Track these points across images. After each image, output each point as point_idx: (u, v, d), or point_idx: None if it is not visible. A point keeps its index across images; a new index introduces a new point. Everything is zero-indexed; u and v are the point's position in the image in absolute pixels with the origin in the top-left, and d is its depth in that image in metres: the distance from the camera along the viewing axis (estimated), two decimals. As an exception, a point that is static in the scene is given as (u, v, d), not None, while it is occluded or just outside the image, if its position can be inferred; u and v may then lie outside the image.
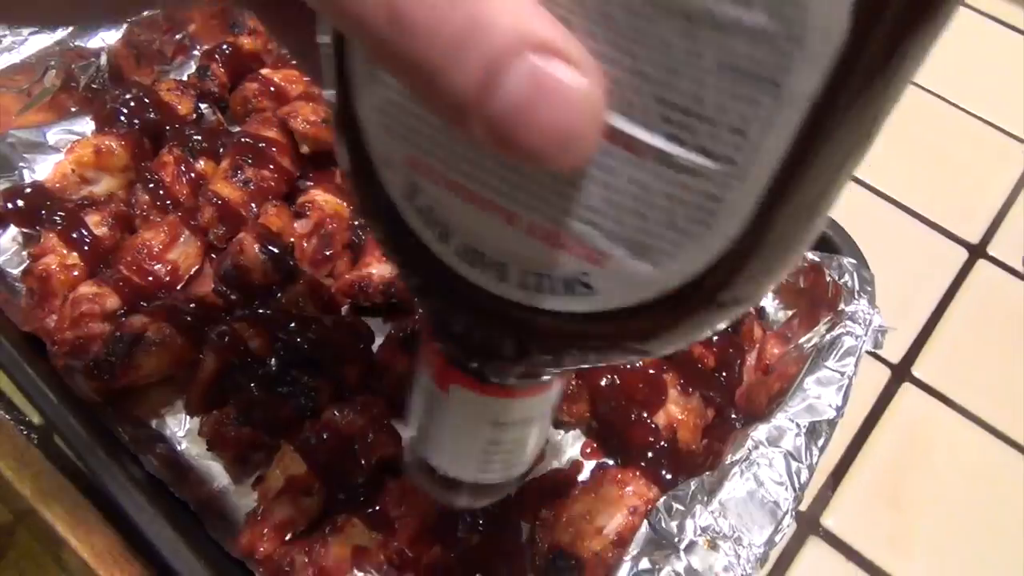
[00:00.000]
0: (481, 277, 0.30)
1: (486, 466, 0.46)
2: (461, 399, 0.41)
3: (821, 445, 0.62)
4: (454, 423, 0.43)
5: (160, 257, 0.78)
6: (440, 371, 0.41)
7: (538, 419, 0.44)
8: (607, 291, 0.28)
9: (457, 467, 0.46)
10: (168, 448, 0.71)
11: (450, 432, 0.44)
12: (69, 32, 0.86)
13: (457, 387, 0.41)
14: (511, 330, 0.33)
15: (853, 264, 0.72)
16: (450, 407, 0.42)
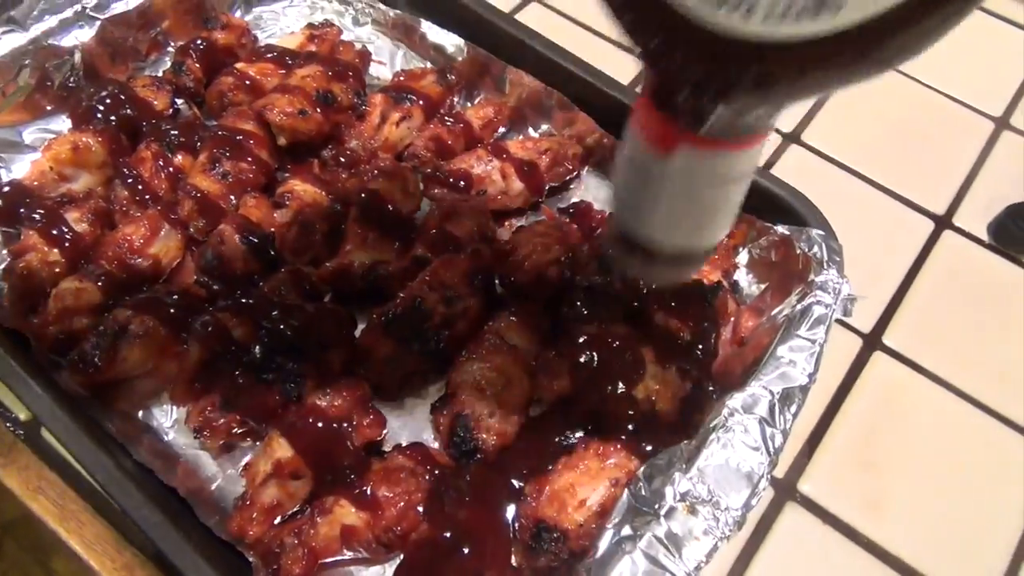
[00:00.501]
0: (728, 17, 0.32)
1: (699, 231, 0.49)
2: (684, 161, 0.43)
3: (794, 411, 0.64)
4: (677, 188, 0.45)
5: (141, 251, 0.78)
6: (660, 136, 0.43)
7: (749, 174, 0.46)
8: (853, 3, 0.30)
9: (672, 233, 0.49)
10: (156, 439, 0.72)
11: (670, 198, 0.46)
12: (43, 31, 0.86)
13: (680, 148, 0.42)
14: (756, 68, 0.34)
15: (821, 236, 0.74)
16: (674, 171, 0.44)
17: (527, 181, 0.84)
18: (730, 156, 0.43)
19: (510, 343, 0.73)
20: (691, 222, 0.48)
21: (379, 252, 0.79)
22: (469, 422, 0.69)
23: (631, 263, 0.53)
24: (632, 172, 0.47)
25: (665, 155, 0.43)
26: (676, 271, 0.54)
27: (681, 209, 0.47)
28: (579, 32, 1.06)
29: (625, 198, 0.49)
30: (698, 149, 0.42)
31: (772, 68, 0.34)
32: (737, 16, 0.31)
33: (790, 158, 0.95)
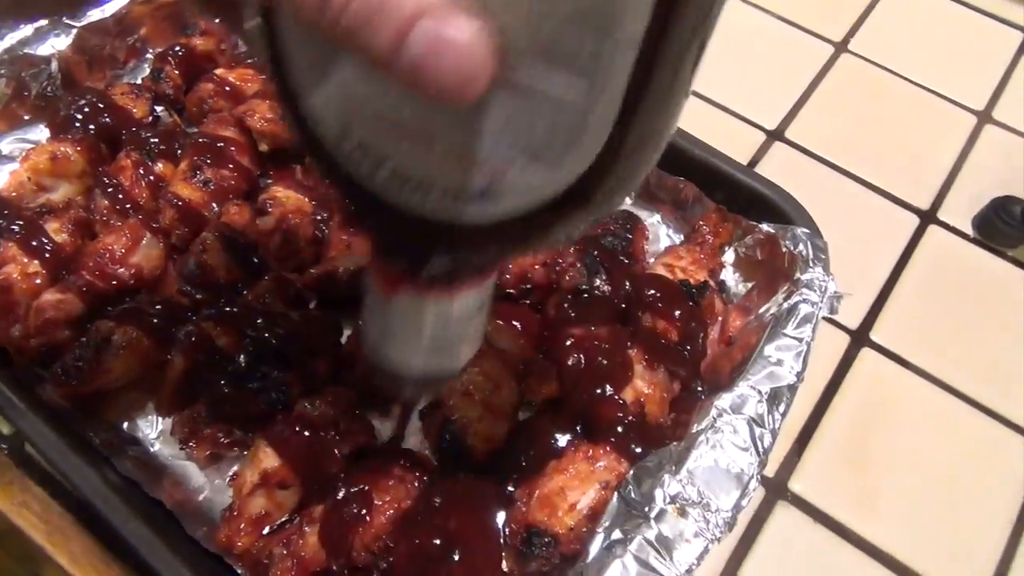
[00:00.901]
0: (411, 198, 0.35)
1: (439, 360, 0.53)
2: (409, 303, 0.47)
3: (783, 410, 0.63)
4: (407, 325, 0.49)
5: (123, 261, 0.77)
6: (385, 281, 0.47)
7: (476, 311, 0.50)
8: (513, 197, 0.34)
9: (411, 364, 0.53)
10: (141, 450, 0.71)
11: (402, 333, 0.50)
12: (18, 40, 0.85)
13: (403, 293, 0.46)
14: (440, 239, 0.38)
15: (807, 234, 0.74)
16: (398, 311, 0.48)
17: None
18: (452, 299, 0.47)
19: (497, 346, 0.72)
20: (427, 353, 0.51)
21: (363, 256, 0.78)
22: (457, 427, 0.68)
23: (379, 378, 0.56)
24: (368, 307, 0.51)
25: (390, 298, 0.47)
26: (430, 389, 0.63)
27: (414, 343, 0.50)
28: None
29: (367, 329, 0.53)
30: (417, 296, 0.46)
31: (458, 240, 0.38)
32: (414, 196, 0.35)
33: (774, 155, 0.95)
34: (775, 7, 1.09)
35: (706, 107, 0.99)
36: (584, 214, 0.36)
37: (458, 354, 0.54)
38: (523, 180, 0.33)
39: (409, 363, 0.53)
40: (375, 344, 0.53)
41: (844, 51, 1.06)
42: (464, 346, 0.54)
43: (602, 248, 0.78)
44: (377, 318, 0.51)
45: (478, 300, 0.49)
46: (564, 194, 0.35)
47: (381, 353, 0.53)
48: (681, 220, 0.85)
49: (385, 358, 0.53)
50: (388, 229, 0.40)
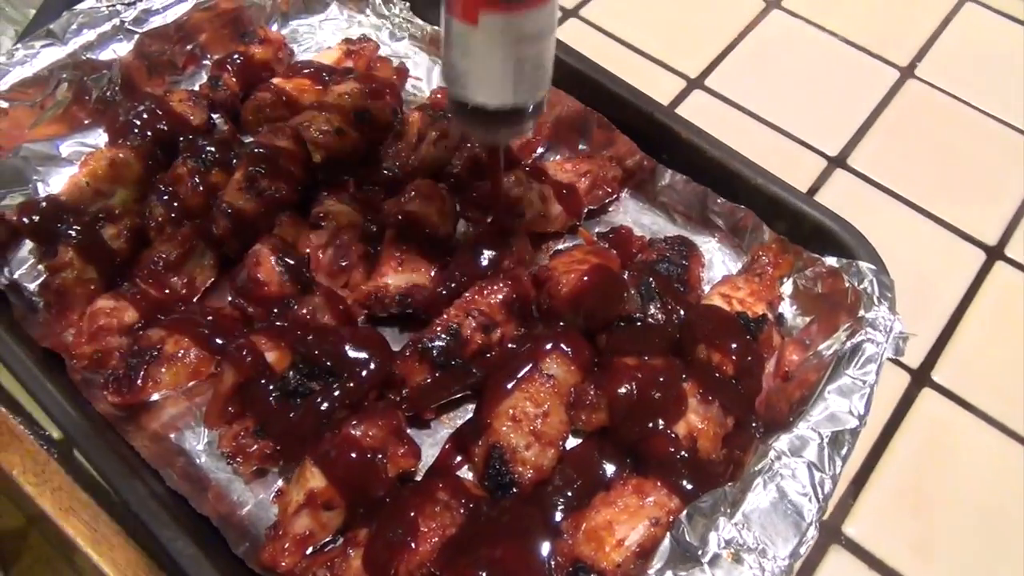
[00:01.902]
0: None
1: (519, 87, 0.57)
2: (492, 25, 0.53)
3: (844, 455, 0.61)
4: (488, 50, 0.55)
5: (176, 270, 0.78)
6: (466, 6, 0.52)
7: (550, 32, 0.56)
8: None
9: (495, 93, 0.57)
10: (187, 462, 0.71)
11: (485, 60, 0.55)
12: (81, 45, 0.86)
13: (486, 14, 0.52)
14: None
15: (872, 269, 0.71)
16: (482, 36, 0.53)
17: (566, 204, 0.83)
18: (528, 15, 0.53)
19: (547, 373, 0.71)
20: (509, 80, 0.57)
21: (414, 274, 0.77)
22: (505, 455, 0.67)
23: (469, 127, 0.63)
24: (451, 44, 0.56)
25: (473, 23, 0.53)
26: (511, 130, 0.64)
27: (498, 70, 0.56)
28: (618, 49, 1.04)
29: (450, 68, 0.58)
30: (499, 13, 0.52)
31: None
32: None
33: (835, 183, 0.93)
34: (840, 29, 1.06)
35: (765, 130, 0.96)
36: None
37: (539, 81, 0.59)
38: None
39: (496, 93, 0.57)
40: (460, 79, 0.58)
41: (910, 76, 1.03)
42: (543, 72, 0.58)
43: (657, 275, 0.76)
44: (461, 52, 0.56)
45: (550, 17, 0.55)
46: None
47: (467, 88, 0.58)
48: (738, 247, 0.83)
49: (471, 92, 0.58)
50: None
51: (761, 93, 0.99)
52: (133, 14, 0.89)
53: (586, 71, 0.87)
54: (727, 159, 0.80)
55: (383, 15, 1.02)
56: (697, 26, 1.07)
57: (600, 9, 1.08)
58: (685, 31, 1.06)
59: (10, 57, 0.83)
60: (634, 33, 1.05)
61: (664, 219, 0.87)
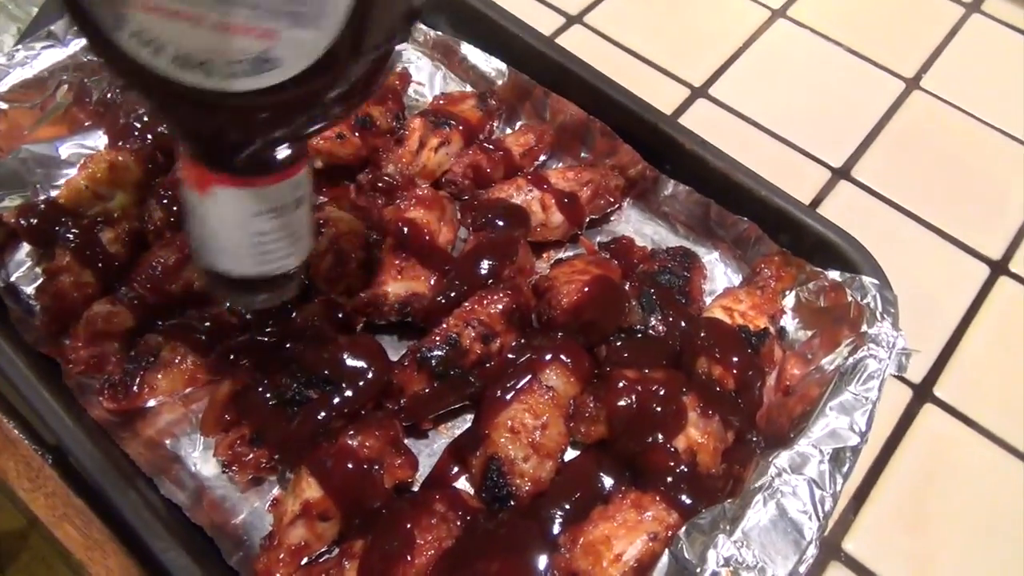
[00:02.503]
0: (195, 77, 0.41)
1: (265, 257, 0.54)
2: (223, 198, 0.50)
3: (845, 472, 0.61)
4: (223, 223, 0.52)
5: (174, 275, 0.77)
6: (197, 179, 0.50)
7: (295, 205, 0.53)
8: (287, 60, 0.40)
9: (236, 263, 0.55)
10: (182, 469, 0.70)
11: (223, 233, 0.53)
12: (82, 47, 0.85)
13: (215, 187, 0.50)
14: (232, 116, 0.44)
15: (875, 284, 0.71)
16: (216, 209, 0.51)
17: (567, 213, 0.82)
18: (264, 191, 0.50)
19: (547, 384, 0.70)
20: (251, 252, 0.54)
21: (413, 282, 0.77)
22: (503, 466, 0.67)
23: (222, 293, 0.60)
24: (190, 213, 0.53)
25: (204, 195, 0.50)
26: (270, 293, 0.59)
27: (233, 241, 0.53)
28: (622, 57, 1.03)
29: (191, 236, 0.55)
30: (229, 188, 0.49)
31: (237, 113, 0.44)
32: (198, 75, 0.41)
33: (838, 194, 0.92)
34: (845, 39, 1.06)
35: (769, 140, 0.96)
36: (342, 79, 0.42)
37: (289, 249, 0.55)
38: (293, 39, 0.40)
39: (236, 264, 0.54)
40: (201, 248, 0.55)
41: (916, 88, 1.02)
42: (293, 241, 0.55)
43: (658, 286, 0.76)
44: (196, 222, 0.53)
45: (295, 189, 0.52)
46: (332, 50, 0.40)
47: (208, 257, 0.55)
48: (740, 259, 0.82)
49: (213, 260, 0.55)
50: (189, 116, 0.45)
51: (765, 103, 0.99)
52: (135, 16, 0.88)
53: (589, 79, 0.87)
54: (731, 171, 0.80)
55: (386, 20, 1.01)
56: (702, 34, 1.06)
57: (604, 16, 1.07)
58: (690, 39, 1.05)
59: (10, 58, 0.83)
60: (638, 40, 1.05)
61: (666, 229, 0.86)
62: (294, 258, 0.56)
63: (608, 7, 1.09)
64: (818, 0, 1.11)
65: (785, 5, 1.10)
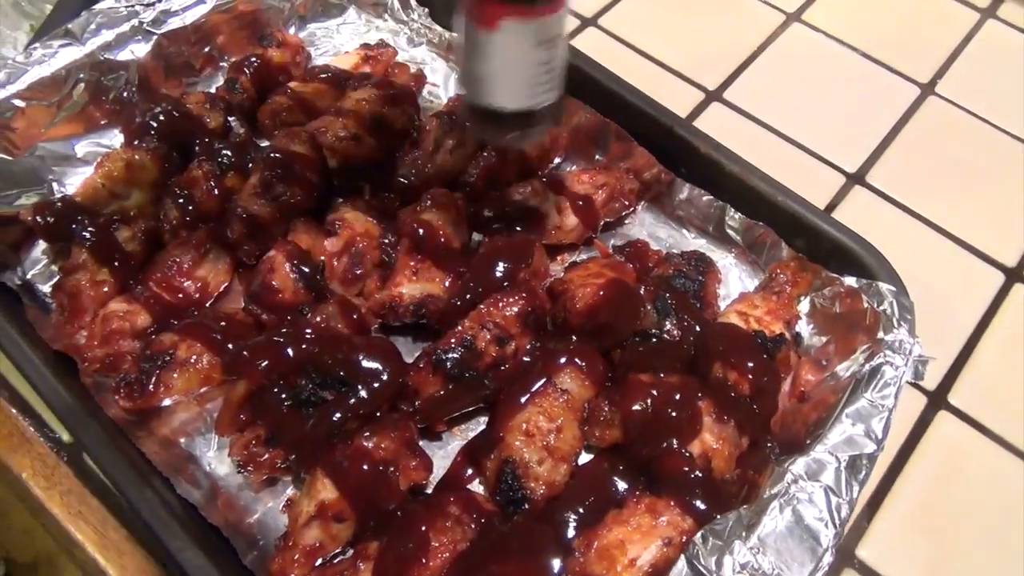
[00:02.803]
0: None
1: (536, 89, 0.61)
2: (512, 31, 0.56)
3: (861, 479, 0.61)
4: (508, 55, 0.58)
5: (190, 274, 0.78)
6: (487, 16, 0.55)
7: (560, 36, 0.59)
8: None
9: (514, 97, 0.60)
10: (197, 468, 0.70)
11: (505, 65, 0.58)
12: (99, 45, 0.86)
13: (505, 21, 0.55)
14: None
15: (892, 291, 0.71)
16: (505, 42, 0.57)
17: (582, 216, 0.82)
18: (545, 20, 0.57)
19: (561, 387, 0.70)
20: (526, 84, 0.60)
21: (428, 284, 0.77)
22: (517, 470, 0.67)
23: (486, 131, 0.67)
24: (470, 51, 0.59)
25: (493, 31, 0.56)
26: (526, 132, 0.66)
27: (515, 74, 0.59)
28: (636, 60, 1.03)
29: (469, 74, 0.61)
30: (518, 19, 0.55)
31: None
32: None
33: (853, 199, 0.92)
34: (860, 43, 1.06)
35: (783, 144, 0.96)
36: None
37: (554, 83, 0.61)
38: None
39: (515, 97, 0.60)
40: (480, 84, 0.60)
41: (931, 93, 1.02)
42: (557, 74, 0.61)
43: (673, 290, 0.76)
44: (480, 58, 0.58)
45: (564, 21, 0.59)
46: None
47: (486, 93, 0.60)
48: (755, 263, 0.82)
49: (491, 96, 0.60)
50: None
51: (780, 107, 0.99)
52: (152, 15, 0.89)
53: (605, 82, 0.87)
54: (746, 175, 0.80)
55: (401, 20, 1.01)
56: (716, 38, 1.06)
57: (619, 19, 1.07)
58: (704, 42, 1.05)
59: (28, 56, 0.83)
60: (653, 43, 1.04)
61: (680, 233, 0.86)
62: (555, 91, 0.62)
63: (623, 9, 1.09)
64: (833, 4, 1.10)
65: (800, 9, 1.10)
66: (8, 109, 0.82)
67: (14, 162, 0.82)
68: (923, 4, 1.11)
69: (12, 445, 0.72)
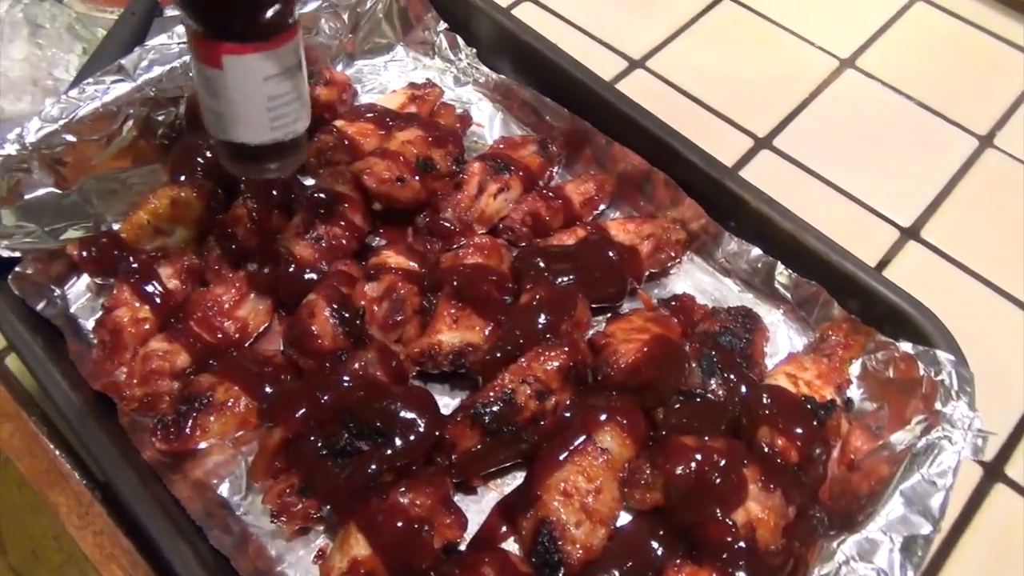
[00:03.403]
0: None
1: (278, 122, 0.62)
2: (236, 66, 0.58)
3: (916, 563, 0.58)
4: (239, 92, 0.59)
5: (230, 314, 0.77)
6: (208, 54, 0.57)
7: (296, 68, 0.61)
8: None
9: (256, 132, 0.62)
10: (229, 515, 0.70)
11: (238, 102, 0.60)
12: (149, 81, 0.86)
13: (227, 57, 0.57)
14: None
15: (951, 360, 0.68)
16: (231, 78, 0.58)
17: (626, 267, 0.81)
18: (271, 53, 0.58)
19: (601, 446, 0.68)
20: (265, 118, 0.61)
21: (468, 332, 0.76)
22: (555, 531, 0.65)
23: (239, 167, 0.67)
24: (204, 88, 0.61)
25: (218, 67, 0.58)
26: (280, 165, 0.67)
27: (251, 109, 0.60)
28: (684, 103, 1.02)
29: (207, 111, 0.62)
30: (241, 55, 0.57)
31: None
32: None
33: (907, 255, 0.89)
34: (916, 92, 1.03)
35: (834, 195, 0.93)
36: None
37: (296, 114, 0.63)
38: None
39: (254, 132, 0.62)
40: (218, 122, 0.62)
41: (989, 146, 0.99)
42: (298, 105, 0.63)
43: (719, 347, 0.74)
44: (212, 95, 0.61)
45: (295, 54, 0.60)
46: None
47: (225, 130, 0.62)
48: (804, 321, 0.80)
49: (230, 132, 0.62)
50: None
51: (831, 156, 0.96)
52: (203, 52, 0.89)
53: (654, 130, 0.85)
54: (798, 231, 0.77)
55: (449, 60, 1.01)
56: (767, 83, 1.04)
57: (668, 61, 1.06)
58: (755, 87, 1.03)
59: (81, 92, 0.84)
60: (702, 87, 1.03)
61: (727, 286, 0.84)
62: (301, 122, 0.64)
63: (672, 52, 1.07)
64: (888, 51, 1.08)
65: (854, 55, 1.07)
66: (60, 143, 0.82)
67: (63, 195, 0.82)
68: (981, 53, 1.08)
69: (49, 481, 0.72)
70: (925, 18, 1.12)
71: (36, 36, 1.03)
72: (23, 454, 0.74)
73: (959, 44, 1.09)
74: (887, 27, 1.11)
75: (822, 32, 1.09)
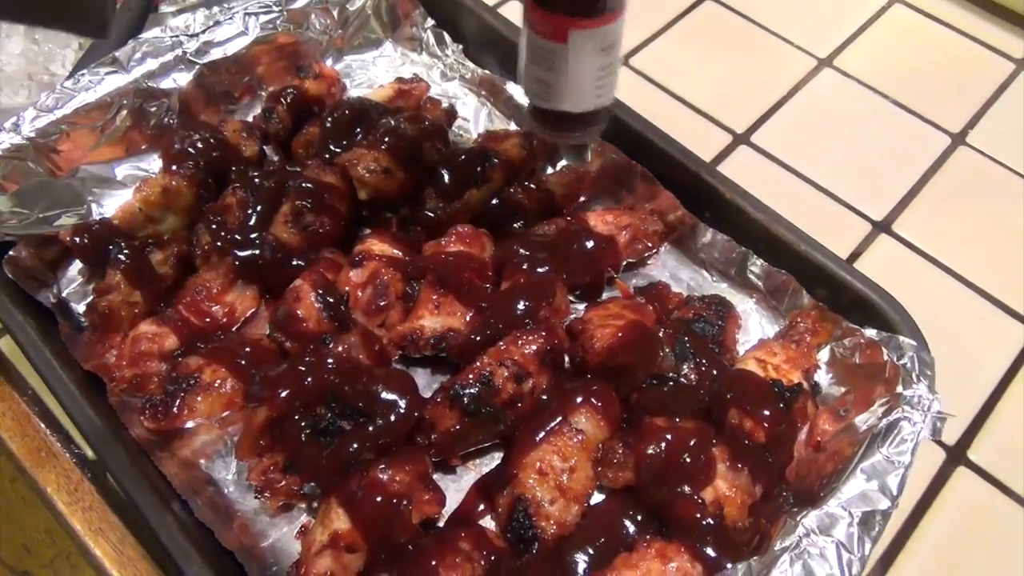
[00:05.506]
0: None
1: (599, 91, 0.66)
2: (581, 40, 0.61)
3: (874, 536, 0.60)
4: (576, 64, 0.63)
5: (218, 299, 0.80)
6: (556, 30, 0.61)
7: (619, 40, 0.64)
8: None
9: (580, 101, 0.66)
10: (216, 491, 0.72)
11: (573, 73, 0.64)
12: (143, 73, 0.89)
13: (574, 32, 0.61)
14: None
15: (913, 345, 0.70)
16: (575, 51, 0.62)
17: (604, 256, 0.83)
18: (609, 27, 0.62)
19: (577, 427, 0.71)
20: (591, 88, 0.65)
21: (450, 318, 0.78)
22: (530, 508, 0.67)
23: (552, 133, 0.71)
24: (537, 61, 0.64)
25: (562, 42, 0.61)
26: (586, 132, 0.71)
27: (582, 80, 0.64)
28: (665, 99, 1.04)
29: (535, 81, 0.66)
30: (586, 29, 0.61)
31: None
32: None
33: (878, 248, 0.91)
34: (891, 91, 1.06)
35: (809, 190, 0.96)
36: None
37: (613, 83, 0.67)
38: None
39: (581, 101, 0.65)
40: (546, 91, 0.66)
41: (962, 143, 1.01)
42: (615, 75, 0.66)
43: (692, 334, 0.76)
44: (547, 67, 0.64)
45: (621, 28, 0.63)
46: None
47: (553, 99, 0.66)
48: (775, 309, 0.82)
49: (558, 102, 0.66)
50: None
51: (808, 152, 0.99)
52: (195, 45, 0.92)
53: (633, 124, 0.88)
54: (771, 223, 0.80)
55: (436, 55, 1.03)
56: (747, 81, 1.07)
57: (650, 59, 1.09)
58: (734, 85, 1.06)
59: (76, 82, 0.86)
60: (683, 85, 1.06)
61: (702, 275, 0.86)
62: (613, 91, 0.68)
63: (655, 50, 1.10)
64: (865, 51, 1.11)
65: (832, 55, 1.10)
66: (55, 132, 0.85)
67: (57, 183, 0.85)
68: (957, 53, 1.11)
69: (40, 460, 0.74)
70: (902, 20, 1.15)
71: (32, 31, 1.06)
72: (15, 434, 0.76)
73: (935, 45, 1.12)
74: (865, 28, 1.13)
75: (802, 32, 1.12)
